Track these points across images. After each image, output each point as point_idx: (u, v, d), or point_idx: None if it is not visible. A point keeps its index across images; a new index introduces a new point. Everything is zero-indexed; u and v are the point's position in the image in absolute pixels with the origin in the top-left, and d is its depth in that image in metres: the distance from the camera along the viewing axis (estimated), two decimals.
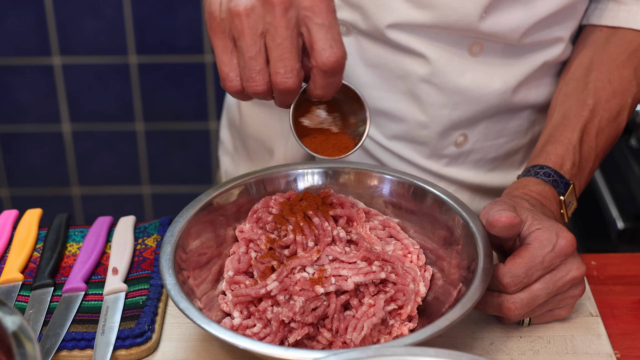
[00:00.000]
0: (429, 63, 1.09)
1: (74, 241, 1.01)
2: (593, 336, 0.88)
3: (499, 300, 0.85)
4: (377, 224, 0.93)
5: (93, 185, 2.36)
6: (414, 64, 1.10)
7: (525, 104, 1.15)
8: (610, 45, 1.07)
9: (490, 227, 0.84)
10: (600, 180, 1.53)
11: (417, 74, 1.10)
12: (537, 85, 1.15)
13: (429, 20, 1.06)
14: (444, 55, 1.09)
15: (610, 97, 1.04)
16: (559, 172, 0.97)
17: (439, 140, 1.15)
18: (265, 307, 0.83)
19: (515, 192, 0.94)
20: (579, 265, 0.86)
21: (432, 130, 1.14)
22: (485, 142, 1.17)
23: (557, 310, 0.88)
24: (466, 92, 1.10)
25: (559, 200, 0.95)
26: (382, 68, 1.11)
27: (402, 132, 1.15)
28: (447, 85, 1.10)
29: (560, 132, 1.01)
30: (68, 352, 0.85)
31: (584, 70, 1.06)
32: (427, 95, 1.11)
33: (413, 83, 1.11)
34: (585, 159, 1.01)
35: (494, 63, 1.10)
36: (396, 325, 0.84)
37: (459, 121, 1.13)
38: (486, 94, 1.11)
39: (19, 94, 2.22)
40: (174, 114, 2.26)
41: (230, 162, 1.36)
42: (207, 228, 0.92)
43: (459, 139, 1.14)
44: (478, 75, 1.10)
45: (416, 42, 1.08)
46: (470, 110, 1.12)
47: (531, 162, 1.00)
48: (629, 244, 1.41)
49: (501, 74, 1.11)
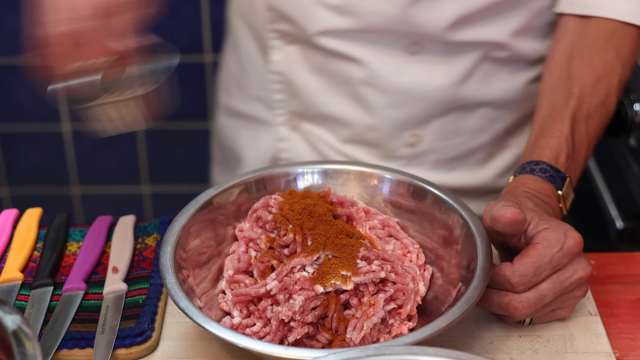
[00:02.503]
0: (365, 66, 1.12)
1: (74, 240, 1.01)
2: (592, 335, 0.88)
3: (505, 299, 0.84)
4: (376, 224, 0.94)
5: (93, 184, 2.36)
6: (351, 68, 1.13)
7: (479, 102, 1.16)
8: (588, 30, 1.06)
9: (495, 223, 0.83)
10: (600, 180, 1.53)
11: (356, 77, 1.13)
12: (489, 83, 1.15)
13: (354, 25, 1.09)
14: (379, 57, 1.11)
15: (596, 82, 1.03)
16: (554, 167, 0.96)
17: (390, 141, 1.17)
18: (265, 306, 0.83)
19: (516, 191, 0.93)
20: (585, 266, 0.85)
21: (381, 132, 1.16)
22: (441, 142, 1.18)
23: (559, 310, 0.88)
24: (407, 90, 1.12)
25: (558, 196, 0.95)
26: (326, 74, 1.15)
27: (353, 135, 1.18)
28: (387, 86, 1.12)
29: (550, 124, 1.01)
30: (68, 351, 0.85)
31: (566, 58, 1.06)
32: (370, 97, 1.14)
33: (354, 86, 1.14)
34: (579, 148, 1.00)
35: (434, 60, 1.12)
36: (396, 325, 0.84)
37: (406, 121, 1.15)
38: (429, 91, 1.13)
39: (19, 94, 2.22)
40: (174, 114, 2.26)
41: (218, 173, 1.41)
42: (207, 227, 0.92)
43: (410, 140, 1.16)
44: (418, 74, 1.12)
45: (348, 47, 1.12)
46: (417, 109, 1.14)
47: (525, 158, 0.99)
48: (628, 243, 1.41)
49: (442, 70, 1.12)
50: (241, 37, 1.26)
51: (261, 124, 1.27)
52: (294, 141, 1.25)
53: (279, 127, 1.25)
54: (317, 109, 1.20)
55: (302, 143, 1.24)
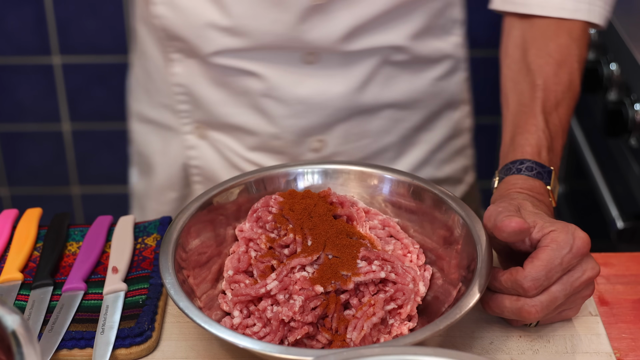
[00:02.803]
0: (263, 79, 1.13)
1: (73, 240, 1.01)
2: (593, 335, 0.88)
3: (518, 304, 0.82)
4: (376, 224, 0.93)
5: (93, 184, 2.36)
6: (250, 82, 1.14)
7: (381, 104, 1.17)
8: (535, 20, 1.05)
9: (499, 232, 0.82)
10: (600, 180, 1.53)
11: (256, 90, 1.15)
12: (389, 85, 1.15)
13: (247, 44, 1.10)
14: (276, 70, 1.12)
15: (557, 69, 1.02)
16: (539, 163, 0.95)
17: (294, 148, 1.18)
18: (265, 307, 0.83)
19: (510, 193, 0.91)
20: (593, 265, 0.85)
21: (284, 140, 1.17)
22: (347, 145, 1.18)
23: (566, 311, 0.87)
24: (308, 100, 1.13)
25: (547, 191, 0.94)
26: (227, 86, 1.16)
27: (258, 143, 1.19)
28: (287, 97, 1.13)
29: (523, 120, 0.99)
30: (68, 351, 0.85)
31: (521, 51, 1.05)
32: (271, 108, 1.15)
33: (255, 98, 1.15)
34: (555, 138, 0.99)
35: (332, 68, 1.13)
36: (396, 325, 0.84)
37: (310, 128, 1.16)
38: (329, 99, 1.13)
39: (19, 94, 2.22)
40: None
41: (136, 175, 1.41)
42: (207, 227, 0.92)
43: (315, 145, 1.17)
44: (317, 83, 1.13)
45: (244, 63, 1.13)
46: (318, 116, 1.15)
47: (507, 157, 0.97)
48: (629, 243, 1.41)
49: (340, 78, 1.13)
50: (146, 44, 1.25)
51: (170, 131, 1.28)
52: (202, 149, 1.26)
53: (187, 135, 1.26)
54: (221, 119, 1.21)
55: (210, 151, 1.25)
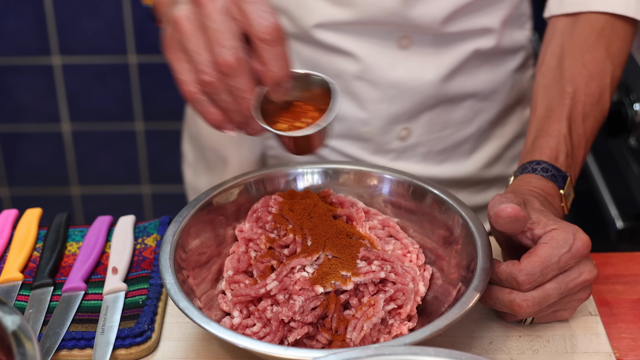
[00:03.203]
0: (358, 60, 1.12)
1: (73, 241, 1.01)
2: (592, 335, 0.88)
3: (510, 297, 0.84)
4: (376, 224, 0.94)
5: (93, 184, 2.36)
6: (344, 63, 1.13)
7: (465, 94, 1.18)
8: (576, 29, 1.07)
9: (496, 218, 0.83)
10: (600, 180, 1.53)
11: (349, 72, 1.14)
12: (474, 75, 1.17)
13: (351, 17, 1.09)
14: (372, 51, 1.12)
15: (588, 80, 1.03)
16: (555, 166, 0.96)
17: (381, 136, 1.17)
18: (264, 307, 0.83)
19: (521, 189, 0.93)
20: (591, 269, 0.85)
21: (373, 126, 1.17)
22: (430, 135, 1.19)
23: (560, 311, 0.88)
24: (400, 85, 1.13)
25: (560, 195, 0.95)
26: (317, 69, 1.15)
27: (345, 130, 1.18)
28: (380, 81, 1.13)
29: (547, 124, 1.01)
30: (68, 352, 0.85)
31: (557, 59, 1.06)
32: (363, 91, 1.14)
33: (347, 81, 1.14)
34: (577, 147, 1.00)
35: (425, 54, 1.13)
36: (396, 325, 0.84)
37: (398, 115, 1.16)
38: (420, 85, 1.14)
39: (19, 94, 2.22)
40: (174, 114, 2.26)
41: (192, 175, 1.39)
42: (207, 227, 0.92)
43: (402, 133, 1.17)
44: (410, 68, 1.13)
45: (343, 40, 1.12)
46: (408, 103, 1.15)
47: (525, 158, 0.99)
48: (628, 243, 1.41)
49: (432, 64, 1.14)
50: None
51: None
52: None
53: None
54: None
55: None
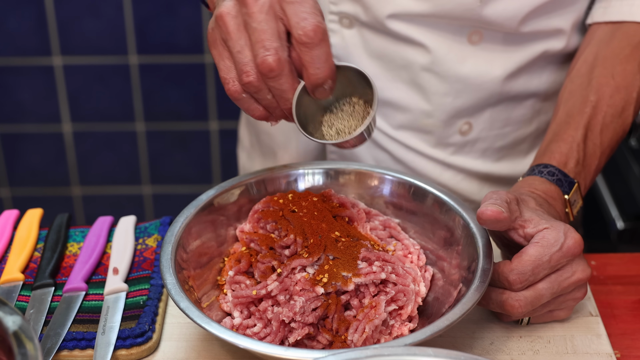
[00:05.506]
0: (429, 52, 1.11)
1: (74, 241, 1.01)
2: (593, 336, 0.88)
3: (502, 297, 0.84)
4: (377, 225, 0.94)
5: (93, 185, 2.36)
6: (414, 54, 1.12)
7: (528, 93, 1.17)
8: (614, 40, 1.07)
9: (478, 219, 0.85)
10: (600, 180, 1.54)
11: (419, 63, 1.12)
12: (539, 74, 1.16)
13: (426, 9, 1.08)
14: (443, 44, 1.11)
15: (614, 92, 1.03)
16: (562, 171, 0.96)
17: (444, 129, 1.16)
18: (265, 307, 0.83)
19: (521, 190, 0.94)
20: (584, 268, 0.86)
21: (436, 119, 1.15)
22: (491, 131, 1.18)
23: (557, 311, 0.88)
24: (467, 79, 1.12)
25: (564, 200, 0.95)
26: (385, 59, 1.13)
27: (408, 121, 1.17)
28: (448, 74, 1.12)
29: (564, 130, 1.01)
30: (69, 352, 0.85)
31: (588, 67, 1.06)
32: (429, 84, 1.13)
33: (415, 72, 1.13)
34: (590, 157, 1.00)
35: (494, 50, 1.12)
36: (396, 326, 0.84)
37: (462, 109, 1.15)
38: (487, 81, 1.13)
39: (20, 94, 2.22)
40: (174, 114, 2.26)
41: (246, 158, 1.38)
42: (208, 228, 0.92)
43: (463, 127, 1.16)
44: (478, 63, 1.12)
45: (416, 31, 1.10)
46: (473, 98, 1.14)
47: (536, 161, 1.00)
48: (629, 244, 1.41)
49: (501, 61, 1.12)
50: None
51: None
52: None
53: None
54: None
55: None
